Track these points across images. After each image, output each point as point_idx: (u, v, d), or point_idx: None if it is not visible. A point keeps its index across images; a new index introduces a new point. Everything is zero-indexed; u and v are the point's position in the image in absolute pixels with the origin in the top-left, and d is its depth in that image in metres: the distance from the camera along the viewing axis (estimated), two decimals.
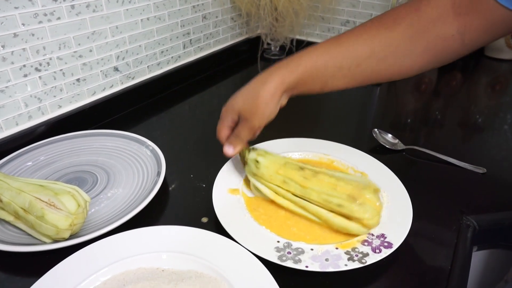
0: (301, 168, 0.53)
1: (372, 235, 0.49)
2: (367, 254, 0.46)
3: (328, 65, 0.52)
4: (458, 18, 0.47)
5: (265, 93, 0.52)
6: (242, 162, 0.58)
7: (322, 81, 0.53)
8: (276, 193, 0.54)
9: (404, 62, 0.51)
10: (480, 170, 0.65)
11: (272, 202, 0.55)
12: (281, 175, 0.53)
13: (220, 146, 0.73)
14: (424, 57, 0.51)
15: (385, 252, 0.46)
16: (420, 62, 0.51)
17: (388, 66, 0.52)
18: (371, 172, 0.61)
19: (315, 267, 0.44)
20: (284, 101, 0.55)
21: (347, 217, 0.49)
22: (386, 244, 0.47)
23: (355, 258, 0.45)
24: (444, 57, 0.51)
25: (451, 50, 0.50)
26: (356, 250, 0.47)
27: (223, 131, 0.56)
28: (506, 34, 0.48)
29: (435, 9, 0.48)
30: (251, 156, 0.56)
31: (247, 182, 0.59)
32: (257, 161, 0.54)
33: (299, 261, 0.45)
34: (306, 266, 0.44)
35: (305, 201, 0.52)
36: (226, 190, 0.56)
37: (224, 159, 0.63)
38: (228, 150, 0.56)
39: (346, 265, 0.44)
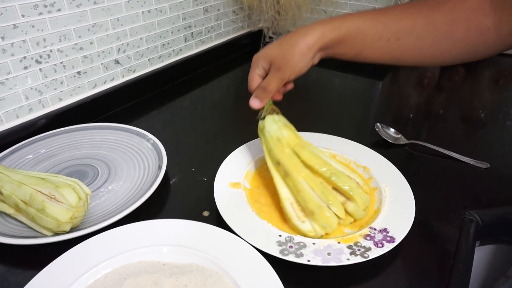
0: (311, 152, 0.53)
1: (375, 229, 0.49)
2: (369, 249, 0.45)
3: (370, 31, 0.51)
4: (494, 12, 0.47)
5: (304, 44, 0.51)
6: (258, 115, 0.56)
7: (359, 47, 0.53)
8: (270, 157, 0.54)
9: (441, 46, 0.51)
10: (483, 165, 0.65)
11: (273, 193, 0.55)
12: (289, 149, 0.53)
13: (220, 140, 0.73)
14: (462, 45, 0.50)
15: (388, 247, 0.46)
16: (457, 49, 0.51)
17: (426, 46, 0.52)
18: (373, 166, 0.60)
19: (317, 261, 0.44)
20: (317, 59, 0.55)
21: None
22: (388, 238, 0.47)
23: (358, 252, 0.45)
24: (480, 50, 0.51)
25: (485, 43, 0.50)
26: (359, 244, 0.46)
27: (255, 79, 0.55)
28: None
29: (476, 0, 0.48)
30: (272, 115, 0.55)
31: (248, 175, 0.59)
32: (275, 120, 0.55)
33: (301, 255, 0.44)
34: (308, 260, 0.44)
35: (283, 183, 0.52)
36: (228, 184, 0.56)
37: (226, 152, 0.62)
38: (255, 103, 0.54)
39: (348, 259, 0.44)
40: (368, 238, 0.47)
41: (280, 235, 0.47)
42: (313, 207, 0.48)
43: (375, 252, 0.45)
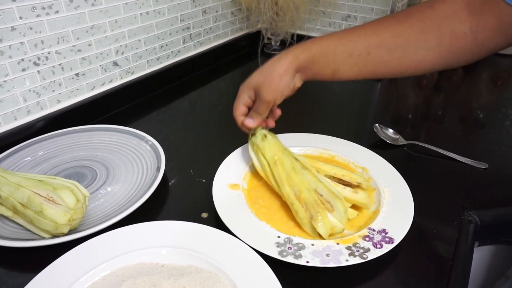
0: (296, 159, 0.55)
1: (374, 230, 0.48)
2: (368, 250, 0.45)
3: (339, 50, 0.54)
4: (471, 17, 0.48)
5: (279, 67, 0.55)
6: (250, 134, 0.60)
7: (333, 65, 0.55)
8: (263, 168, 0.57)
9: (414, 56, 0.52)
10: (482, 165, 0.65)
11: (272, 194, 0.56)
12: (276, 156, 0.55)
13: (219, 142, 0.73)
14: (436, 52, 0.51)
15: (386, 248, 0.46)
16: (431, 57, 0.52)
17: (398, 57, 0.53)
18: (372, 167, 0.60)
19: (316, 262, 0.44)
20: (298, 82, 0.58)
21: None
22: (387, 239, 0.47)
23: (356, 253, 0.45)
24: (457, 56, 0.51)
25: (463, 48, 0.50)
26: (357, 245, 0.46)
27: (239, 108, 0.59)
28: None
29: (449, 6, 0.49)
30: (262, 130, 0.59)
31: (247, 177, 0.59)
32: (265, 136, 0.58)
33: (300, 256, 0.44)
34: (307, 262, 0.44)
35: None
36: (226, 185, 0.56)
37: (224, 154, 0.62)
38: (249, 121, 0.58)
39: (347, 260, 0.44)
40: (367, 239, 0.47)
41: (279, 236, 0.47)
42: (310, 208, 0.50)
43: (374, 253, 0.45)
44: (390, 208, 0.52)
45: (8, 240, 0.47)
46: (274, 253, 0.44)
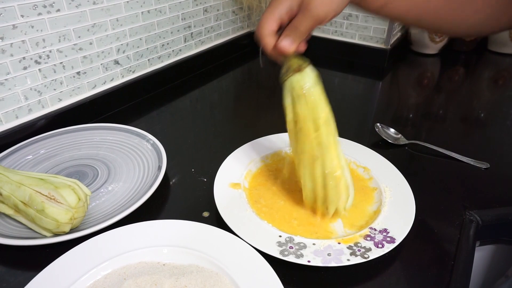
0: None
1: (375, 230, 0.48)
2: (369, 249, 0.45)
3: None
4: None
5: None
6: (284, 69, 0.47)
7: None
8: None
9: (468, 9, 0.47)
10: (483, 165, 0.65)
11: (273, 193, 0.56)
12: (325, 114, 0.48)
13: (220, 141, 0.73)
14: (486, 11, 0.47)
15: (388, 247, 0.46)
16: (479, 15, 0.47)
17: (454, 7, 0.47)
18: (373, 166, 0.60)
19: (317, 262, 0.44)
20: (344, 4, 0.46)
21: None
22: (388, 239, 0.47)
23: (358, 253, 0.45)
24: (475, 19, 0.48)
25: (477, 13, 0.47)
26: (359, 245, 0.46)
27: (270, 22, 0.44)
28: None
29: None
30: (309, 71, 0.47)
31: (248, 176, 0.59)
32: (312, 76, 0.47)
33: (301, 255, 0.44)
34: (308, 261, 0.44)
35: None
36: (228, 184, 0.56)
37: (226, 153, 0.62)
38: (286, 43, 0.44)
39: (348, 260, 0.44)
40: (368, 238, 0.47)
41: (280, 236, 0.47)
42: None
43: (375, 253, 0.45)
44: (392, 207, 0.52)
45: (9, 238, 0.47)
46: (275, 253, 0.44)
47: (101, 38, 0.76)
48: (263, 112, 0.85)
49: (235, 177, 0.58)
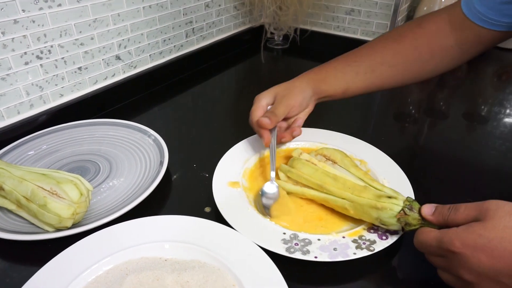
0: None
1: None
2: (374, 242, 0.45)
3: (346, 70, 0.60)
4: (454, 32, 0.56)
5: (298, 83, 0.60)
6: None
7: (343, 84, 0.60)
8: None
9: (413, 68, 0.60)
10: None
11: None
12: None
13: (222, 136, 0.73)
14: (431, 63, 0.59)
15: (392, 238, 0.46)
16: (427, 68, 0.60)
17: (400, 72, 0.60)
18: (370, 159, 0.60)
19: (324, 257, 0.44)
20: (311, 104, 0.62)
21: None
22: (392, 230, 0.47)
23: (363, 246, 0.45)
24: (448, 63, 0.60)
25: (452, 57, 0.59)
26: (363, 238, 0.46)
27: (257, 111, 0.58)
28: (497, 44, 0.57)
29: (434, 25, 0.58)
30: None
31: (246, 174, 0.59)
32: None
33: (308, 252, 0.44)
34: (315, 257, 0.44)
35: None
36: (226, 183, 0.55)
37: (227, 148, 0.62)
38: (265, 120, 0.55)
39: (355, 253, 0.44)
40: (371, 231, 0.47)
41: (284, 233, 0.47)
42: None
43: (381, 245, 0.45)
44: None
45: (11, 233, 0.47)
46: (281, 250, 0.44)
47: (103, 33, 0.76)
48: None
49: (233, 175, 0.57)
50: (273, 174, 0.55)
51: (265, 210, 0.51)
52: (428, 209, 0.43)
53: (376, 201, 0.46)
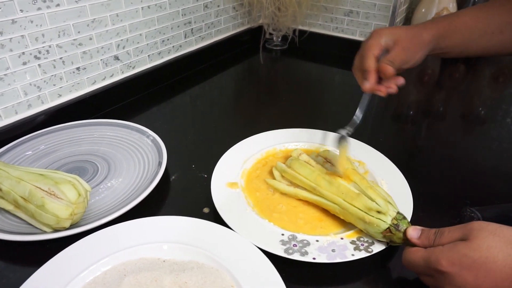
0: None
1: None
2: (372, 243, 0.46)
3: (474, 29, 0.54)
4: None
5: (427, 35, 0.53)
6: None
7: (466, 43, 0.55)
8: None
9: None
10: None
11: (271, 195, 0.55)
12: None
13: (220, 137, 0.73)
14: None
15: None
16: None
17: None
18: (368, 160, 0.61)
19: (322, 258, 0.44)
20: (424, 54, 0.55)
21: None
22: None
23: (361, 247, 0.45)
24: None
25: None
26: (361, 239, 0.46)
27: (374, 49, 0.52)
28: None
29: None
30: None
31: (244, 174, 0.59)
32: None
33: (306, 253, 0.44)
34: (314, 258, 0.44)
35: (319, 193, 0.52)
36: (225, 184, 0.55)
37: (226, 149, 0.62)
38: (389, 68, 0.51)
39: (353, 255, 0.44)
40: None
41: (282, 234, 0.47)
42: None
43: (378, 246, 0.45)
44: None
45: (9, 234, 0.47)
46: (280, 251, 0.44)
47: (101, 33, 0.75)
48: (264, 108, 0.85)
49: (232, 176, 0.57)
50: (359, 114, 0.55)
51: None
52: (414, 232, 0.43)
53: (364, 213, 0.46)
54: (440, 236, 0.40)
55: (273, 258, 0.43)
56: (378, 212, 0.45)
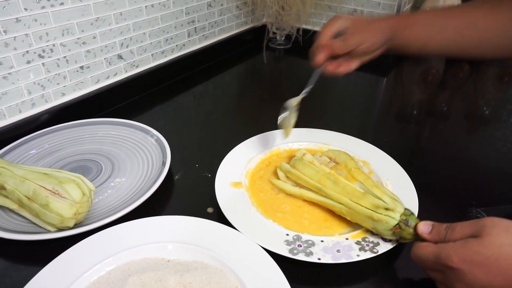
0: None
1: None
2: (377, 244, 0.45)
3: (435, 22, 0.55)
4: None
5: (381, 22, 0.56)
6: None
7: (425, 38, 0.56)
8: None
9: (504, 40, 0.52)
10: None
11: (275, 195, 0.55)
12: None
13: (224, 136, 0.73)
14: None
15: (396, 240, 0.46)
16: None
17: (489, 39, 0.53)
18: (373, 160, 0.60)
19: (327, 259, 0.43)
20: (380, 51, 0.57)
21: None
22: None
23: (367, 248, 0.45)
24: None
25: None
26: (367, 240, 0.46)
27: (328, 31, 0.55)
28: None
29: None
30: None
31: (248, 174, 0.59)
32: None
33: (311, 253, 0.44)
34: (319, 259, 0.43)
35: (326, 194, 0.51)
36: (229, 184, 0.55)
37: (229, 148, 0.62)
38: (338, 43, 0.54)
39: (358, 255, 0.44)
40: (375, 232, 0.47)
41: (287, 234, 0.47)
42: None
43: (384, 247, 0.45)
44: None
45: (13, 233, 0.47)
46: (284, 252, 0.44)
47: (105, 32, 0.75)
48: (267, 107, 0.85)
49: (236, 176, 0.57)
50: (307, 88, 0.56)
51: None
52: (425, 228, 0.42)
53: (372, 211, 0.46)
54: (452, 232, 0.39)
55: (278, 259, 0.43)
56: (386, 209, 0.45)
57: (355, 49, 0.55)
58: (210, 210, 0.54)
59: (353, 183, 0.50)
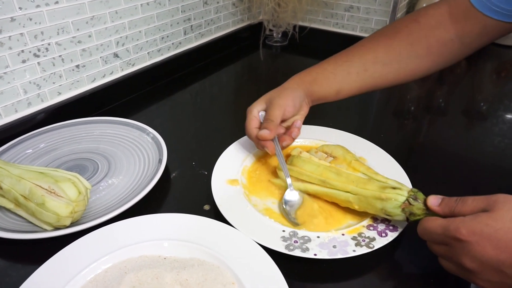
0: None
1: (377, 219, 0.48)
2: (373, 239, 0.45)
3: (337, 70, 0.58)
4: (455, 25, 0.53)
5: (288, 84, 0.58)
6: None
7: (335, 85, 0.58)
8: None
9: (408, 66, 0.57)
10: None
11: (272, 189, 0.55)
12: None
13: (220, 133, 0.73)
14: (427, 60, 0.57)
15: (391, 236, 0.46)
16: (423, 65, 0.57)
17: (394, 70, 0.57)
18: (369, 157, 0.60)
19: (323, 254, 0.43)
20: (305, 106, 0.59)
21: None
22: (391, 227, 0.47)
23: (363, 243, 0.45)
24: (446, 59, 0.57)
25: (451, 52, 0.56)
26: (363, 235, 0.46)
27: (251, 122, 0.56)
28: (501, 37, 0.54)
29: (433, 18, 0.55)
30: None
31: (245, 171, 0.59)
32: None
33: (307, 249, 0.44)
34: (315, 254, 0.43)
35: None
36: (225, 181, 0.55)
37: (226, 146, 0.62)
38: (265, 132, 0.53)
39: (354, 251, 0.44)
40: (371, 228, 0.47)
41: (283, 230, 0.47)
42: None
43: (380, 242, 0.45)
44: None
45: (10, 232, 0.47)
46: (281, 248, 0.44)
47: (100, 30, 0.75)
48: None
49: (232, 173, 0.57)
50: (289, 180, 0.53)
51: (290, 218, 0.50)
52: (434, 200, 0.42)
53: (380, 192, 0.46)
54: (462, 205, 0.39)
55: (274, 255, 0.43)
56: (393, 188, 0.46)
57: (283, 117, 0.56)
58: (206, 207, 0.54)
59: (356, 173, 0.50)
